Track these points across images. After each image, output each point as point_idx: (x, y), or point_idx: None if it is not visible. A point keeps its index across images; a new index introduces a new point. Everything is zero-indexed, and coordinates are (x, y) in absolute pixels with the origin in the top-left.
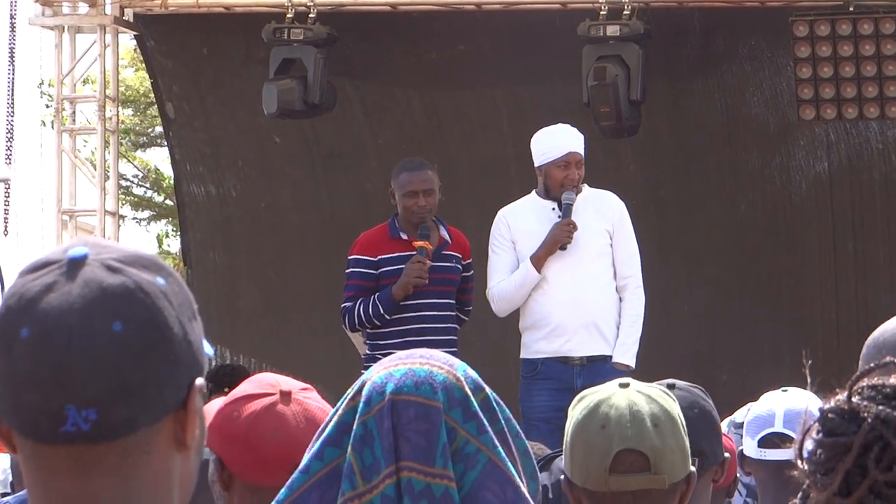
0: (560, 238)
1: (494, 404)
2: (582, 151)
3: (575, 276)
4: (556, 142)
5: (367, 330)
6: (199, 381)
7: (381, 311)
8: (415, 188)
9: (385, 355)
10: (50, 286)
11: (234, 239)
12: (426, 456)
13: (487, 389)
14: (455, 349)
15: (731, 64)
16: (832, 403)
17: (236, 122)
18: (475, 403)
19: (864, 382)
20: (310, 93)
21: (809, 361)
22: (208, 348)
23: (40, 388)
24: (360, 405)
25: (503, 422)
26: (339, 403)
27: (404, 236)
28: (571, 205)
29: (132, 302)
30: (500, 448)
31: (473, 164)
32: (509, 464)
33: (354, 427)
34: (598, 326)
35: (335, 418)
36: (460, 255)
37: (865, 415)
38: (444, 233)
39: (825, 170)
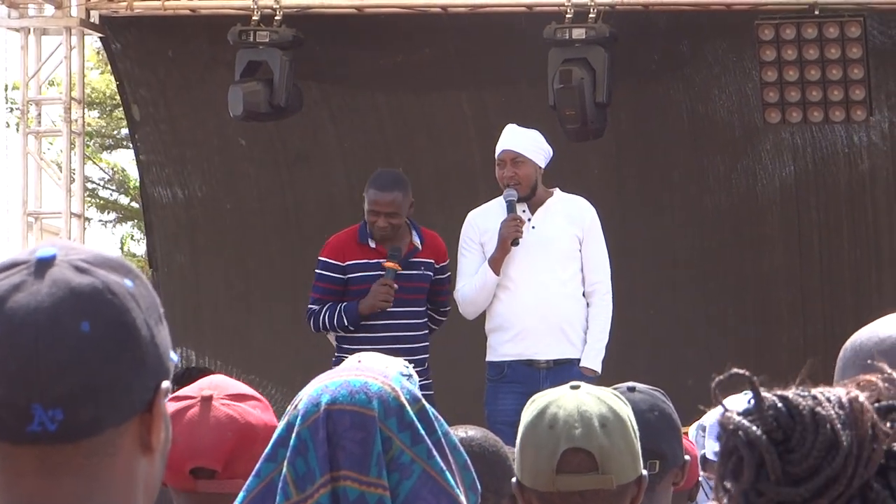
0: (508, 234)
1: (432, 416)
2: (518, 149)
3: (542, 280)
4: (499, 142)
5: (337, 334)
6: (165, 384)
7: (346, 324)
8: (378, 209)
9: None
10: (18, 286)
11: (199, 241)
12: (361, 464)
13: (424, 401)
14: (426, 355)
15: (696, 67)
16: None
17: (202, 125)
18: (411, 413)
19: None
20: (276, 95)
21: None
22: (173, 355)
23: (6, 386)
24: (297, 418)
25: (440, 433)
26: (282, 419)
27: (372, 244)
28: (513, 201)
29: (100, 302)
30: (436, 458)
31: (439, 168)
32: (447, 473)
33: (291, 439)
34: (564, 331)
35: (274, 434)
36: (432, 261)
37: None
38: (415, 239)
39: (791, 173)
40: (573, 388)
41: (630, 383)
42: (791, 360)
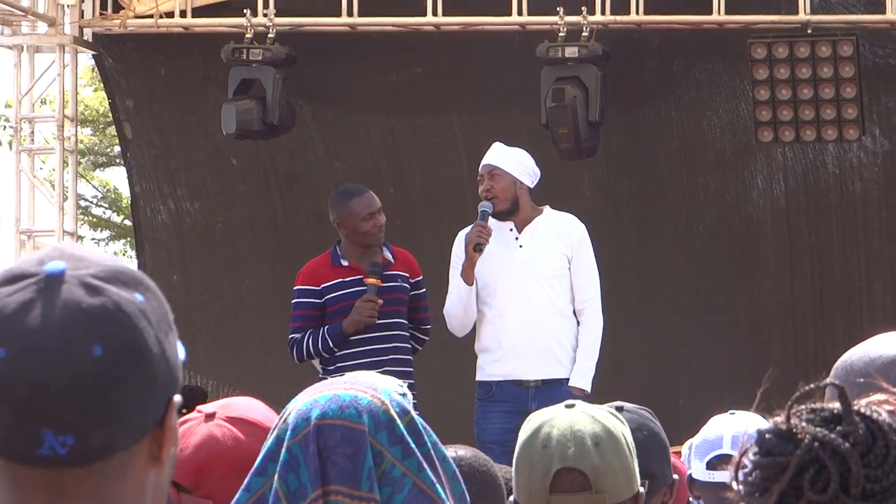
0: (471, 240)
1: (421, 427)
2: (495, 162)
3: (530, 300)
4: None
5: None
6: (177, 397)
7: (331, 346)
8: (371, 209)
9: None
10: (27, 305)
11: (190, 260)
12: (352, 479)
13: (413, 413)
14: (410, 369)
15: (689, 86)
16: (770, 424)
17: (193, 143)
18: (401, 426)
19: (805, 405)
20: (269, 113)
21: (767, 384)
22: (181, 352)
23: (15, 413)
24: (286, 432)
25: (430, 445)
26: (270, 434)
27: (345, 263)
28: (486, 212)
29: (112, 324)
30: (426, 471)
31: (429, 189)
32: (437, 486)
33: (281, 454)
34: (552, 350)
35: (263, 448)
36: (407, 274)
37: (802, 436)
38: (387, 254)
39: (782, 193)
40: (568, 407)
41: (618, 402)
42: (781, 380)
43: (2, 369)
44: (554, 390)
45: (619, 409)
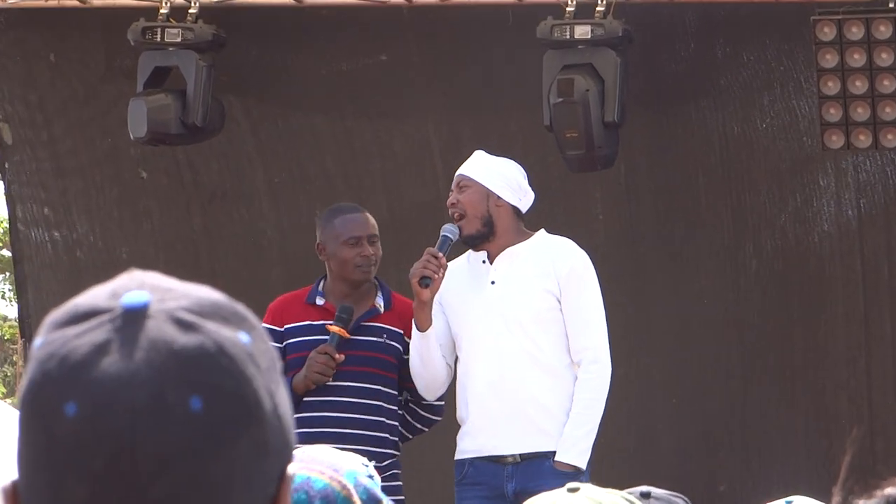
0: (415, 272)
1: None
2: (466, 171)
3: (501, 351)
4: None
5: None
6: (291, 469)
7: None
8: (357, 233)
9: None
10: (102, 347)
11: None
12: None
13: (386, 501)
14: (395, 452)
15: (734, 76)
16: (879, 499)
17: (91, 150)
18: None
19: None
20: (190, 111)
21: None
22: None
23: (90, 483)
24: None
25: None
26: None
27: (320, 301)
28: (448, 238)
29: (214, 370)
30: None
31: (396, 212)
32: None
33: None
34: (530, 416)
35: None
36: (401, 331)
37: None
38: (378, 300)
39: (855, 217)
40: (571, 490)
41: (643, 487)
42: (854, 459)
43: (72, 430)
44: (535, 467)
45: (646, 495)
